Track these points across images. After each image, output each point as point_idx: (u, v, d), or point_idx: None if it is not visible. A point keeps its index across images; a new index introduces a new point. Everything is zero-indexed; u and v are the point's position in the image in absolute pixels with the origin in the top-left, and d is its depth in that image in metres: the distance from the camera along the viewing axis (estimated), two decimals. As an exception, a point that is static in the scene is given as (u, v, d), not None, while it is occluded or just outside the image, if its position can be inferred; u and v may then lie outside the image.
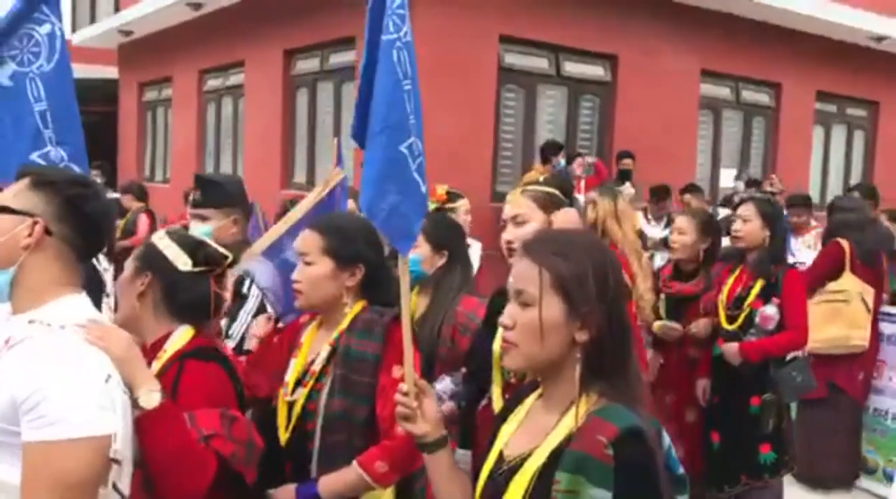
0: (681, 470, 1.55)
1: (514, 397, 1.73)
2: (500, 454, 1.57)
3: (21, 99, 2.38)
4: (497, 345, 2.50)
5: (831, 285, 4.94)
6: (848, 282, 4.89)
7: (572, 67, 9.06)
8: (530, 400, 1.63)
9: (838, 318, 4.87)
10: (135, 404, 1.70)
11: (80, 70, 16.95)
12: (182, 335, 2.02)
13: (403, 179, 1.90)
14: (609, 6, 8.81)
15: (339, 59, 9.24)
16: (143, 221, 8.76)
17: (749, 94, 10.82)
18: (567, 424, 1.45)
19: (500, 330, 2.48)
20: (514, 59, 8.59)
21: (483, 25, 8.12)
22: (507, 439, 1.59)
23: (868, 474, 5.23)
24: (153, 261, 2.05)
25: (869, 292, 4.88)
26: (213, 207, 3.14)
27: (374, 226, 2.28)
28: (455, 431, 2.73)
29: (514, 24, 8.33)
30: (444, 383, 2.89)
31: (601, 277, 1.48)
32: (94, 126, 17.61)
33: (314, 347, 2.31)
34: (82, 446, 1.52)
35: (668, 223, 7.66)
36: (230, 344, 2.88)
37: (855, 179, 12.44)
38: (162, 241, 2.06)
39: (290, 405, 2.21)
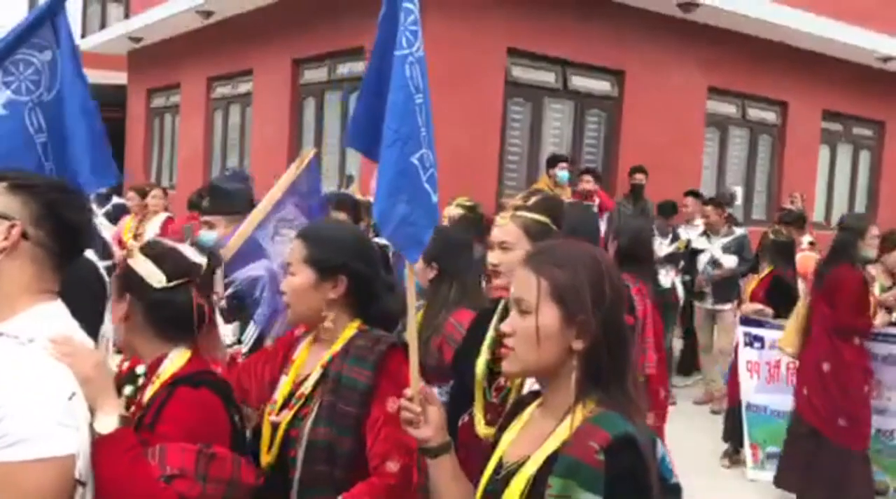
0: (675, 479, 1.57)
1: (516, 404, 1.75)
2: (500, 460, 1.60)
3: (17, 129, 2.21)
4: (480, 365, 2.49)
5: None
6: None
7: (579, 82, 9.08)
8: (531, 408, 1.66)
9: None
10: (91, 426, 1.63)
11: (89, 75, 17.08)
12: (177, 358, 1.93)
13: (414, 189, 1.92)
14: (617, 21, 8.84)
15: (346, 68, 9.27)
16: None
17: (755, 112, 10.83)
18: (563, 430, 1.48)
19: (483, 350, 2.52)
20: (521, 72, 8.62)
21: (490, 39, 8.14)
22: (507, 446, 1.62)
23: (880, 495, 5.17)
24: (130, 282, 1.95)
25: (801, 306, 5.19)
26: (221, 214, 3.18)
27: (363, 235, 2.30)
28: None
29: (521, 38, 8.36)
30: None
31: (597, 286, 1.52)
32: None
33: (306, 365, 2.21)
34: (44, 466, 1.46)
35: (675, 239, 7.66)
36: (242, 349, 2.87)
37: (860, 198, 12.45)
38: (135, 259, 1.96)
39: (275, 427, 2.11)
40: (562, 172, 7.69)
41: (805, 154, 11.25)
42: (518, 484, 1.48)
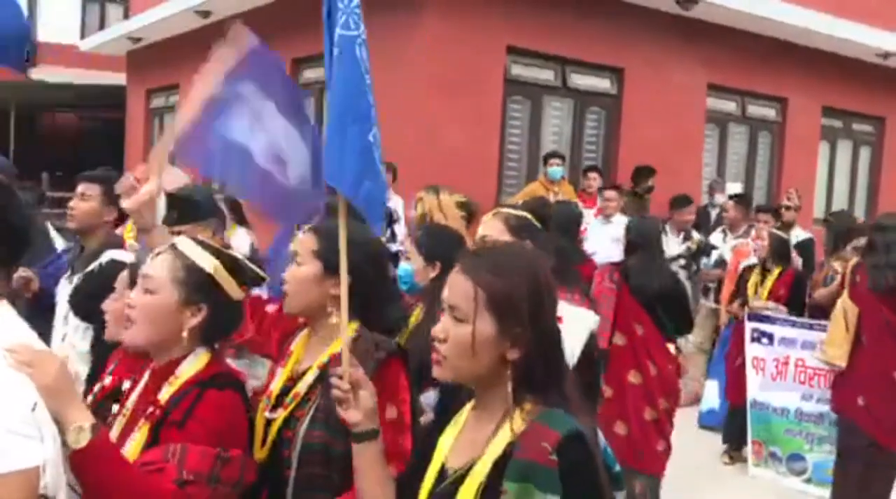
0: (617, 468, 1.60)
1: (452, 406, 1.73)
2: (442, 467, 1.57)
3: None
4: None
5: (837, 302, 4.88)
6: (840, 300, 4.82)
7: (579, 79, 9.07)
8: (466, 410, 1.64)
9: (827, 334, 4.87)
10: (64, 441, 1.57)
11: (89, 76, 17.05)
12: (198, 360, 1.94)
13: (373, 166, 1.99)
14: (616, 19, 8.84)
15: (346, 68, 9.26)
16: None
17: (755, 109, 10.82)
18: (505, 434, 1.47)
19: None
20: (520, 70, 8.61)
21: (490, 36, 8.14)
22: (447, 451, 1.60)
23: None
24: (211, 292, 1.95)
25: (852, 312, 4.66)
26: (191, 222, 3.17)
27: (380, 242, 2.31)
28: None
29: (521, 36, 8.36)
30: (429, 397, 2.88)
31: (535, 297, 1.50)
32: (101, 131, 17.66)
33: (302, 361, 2.20)
34: (7, 481, 1.40)
35: (687, 238, 7.58)
36: None
37: (860, 194, 12.44)
38: (218, 272, 1.96)
39: (268, 422, 2.10)
40: (552, 169, 7.70)
41: (805, 150, 11.24)
42: (468, 490, 1.47)
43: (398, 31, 8.08)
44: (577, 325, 2.49)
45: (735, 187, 9.82)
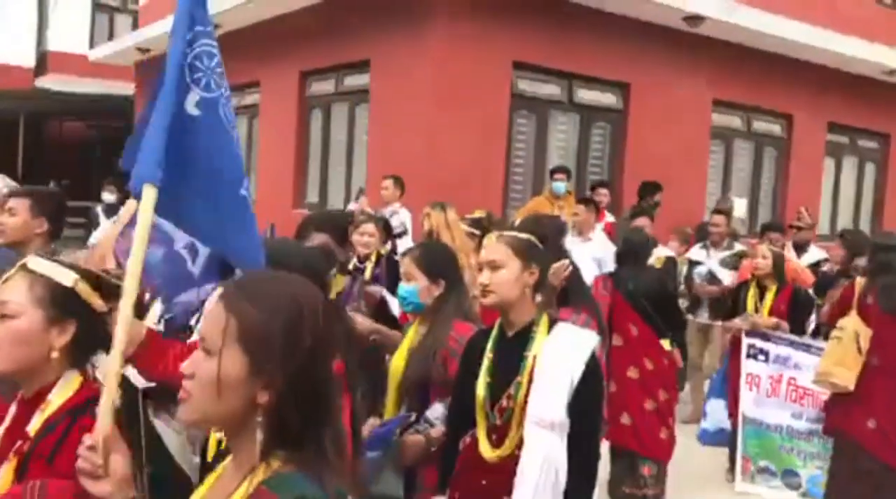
0: None
1: (220, 453, 1.59)
2: None
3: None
4: (481, 388, 2.55)
5: (839, 323, 4.73)
6: (849, 321, 4.65)
7: (585, 95, 9.11)
8: (228, 459, 1.46)
9: (830, 355, 4.68)
10: None
11: (97, 86, 17.07)
12: (69, 384, 1.82)
13: (247, 216, 2.03)
14: (622, 35, 8.88)
15: (353, 81, 9.32)
16: None
17: (760, 125, 10.85)
18: (241, 494, 1.31)
19: (482, 373, 2.55)
20: (526, 85, 8.65)
21: (496, 52, 8.18)
22: None
23: None
24: (76, 307, 1.84)
25: (865, 334, 4.53)
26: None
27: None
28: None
29: (527, 51, 8.40)
30: (436, 410, 2.91)
31: (291, 333, 1.31)
32: (109, 141, 17.77)
33: None
34: None
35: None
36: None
37: (866, 210, 12.44)
38: (78, 285, 1.85)
39: None
40: (556, 184, 7.70)
41: (810, 166, 11.26)
42: None
43: (405, 46, 8.13)
44: (577, 345, 2.52)
45: (741, 204, 9.82)
